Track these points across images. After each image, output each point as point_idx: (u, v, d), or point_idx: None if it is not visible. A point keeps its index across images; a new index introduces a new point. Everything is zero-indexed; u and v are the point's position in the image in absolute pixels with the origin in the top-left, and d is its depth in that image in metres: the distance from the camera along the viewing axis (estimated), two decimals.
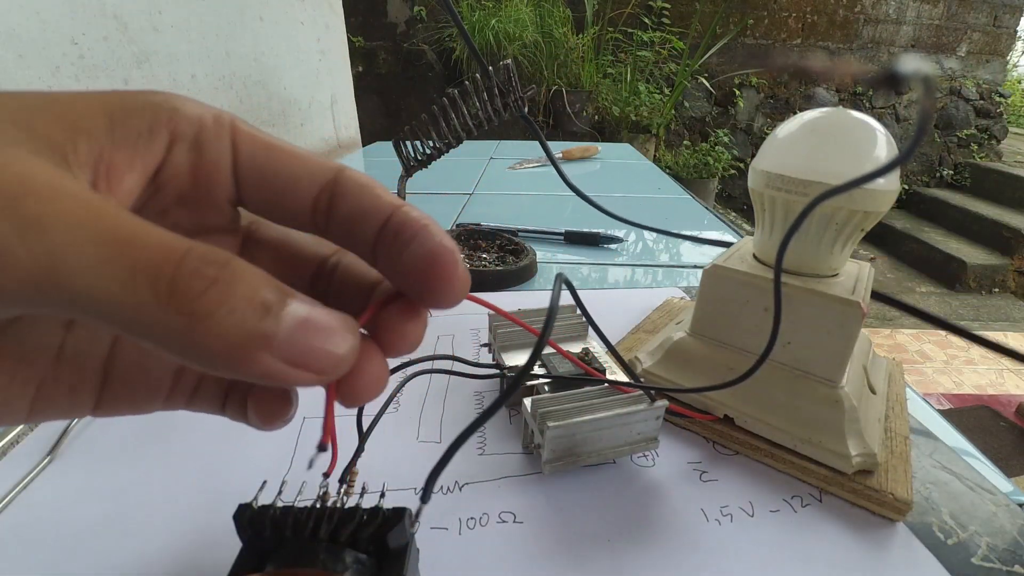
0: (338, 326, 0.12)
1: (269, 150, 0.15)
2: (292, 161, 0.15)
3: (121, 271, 0.10)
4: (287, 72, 1.06)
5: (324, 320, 0.12)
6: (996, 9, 3.33)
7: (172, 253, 0.10)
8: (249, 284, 0.11)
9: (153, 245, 0.10)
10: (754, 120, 3.36)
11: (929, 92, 0.12)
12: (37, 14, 0.53)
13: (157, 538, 0.25)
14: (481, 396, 0.36)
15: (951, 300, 2.62)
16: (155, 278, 0.10)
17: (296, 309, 0.11)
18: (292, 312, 0.11)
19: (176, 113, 0.14)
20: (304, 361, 0.11)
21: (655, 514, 0.27)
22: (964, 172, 3.56)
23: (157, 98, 0.14)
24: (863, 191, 0.28)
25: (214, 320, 0.10)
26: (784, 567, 0.24)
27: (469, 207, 0.82)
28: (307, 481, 0.21)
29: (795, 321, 0.30)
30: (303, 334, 0.11)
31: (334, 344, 0.12)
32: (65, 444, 0.30)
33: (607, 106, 2.83)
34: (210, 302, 0.10)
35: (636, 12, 2.96)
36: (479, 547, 0.25)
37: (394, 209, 0.15)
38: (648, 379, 0.35)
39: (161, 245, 0.10)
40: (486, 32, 2.55)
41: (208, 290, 0.10)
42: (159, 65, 0.70)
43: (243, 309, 0.10)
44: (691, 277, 0.58)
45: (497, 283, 0.53)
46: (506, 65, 0.47)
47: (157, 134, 0.14)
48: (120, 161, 0.13)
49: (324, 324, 0.12)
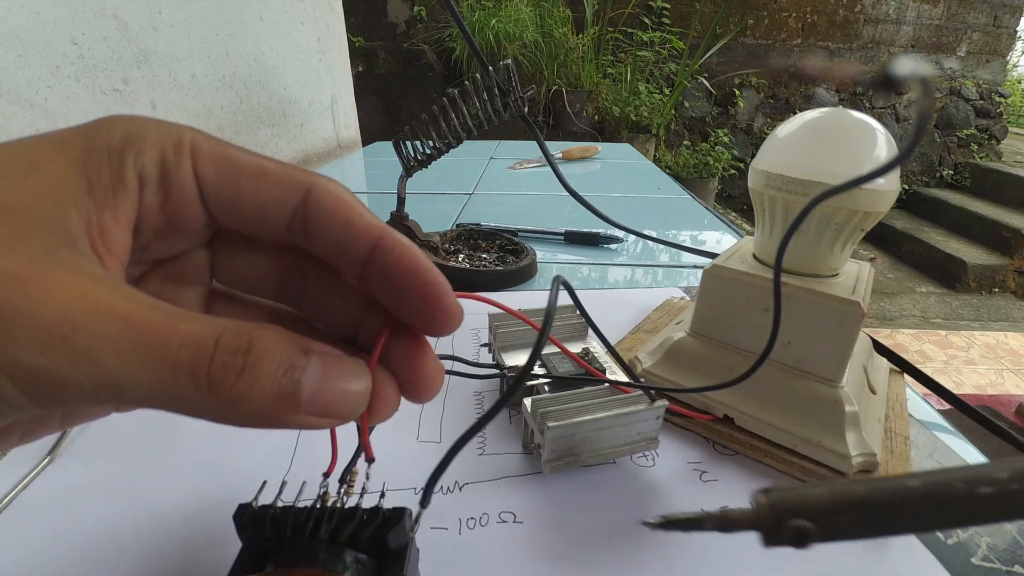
0: (352, 375, 0.14)
1: (234, 177, 0.15)
2: (258, 187, 0.15)
3: (165, 376, 0.12)
4: (287, 72, 1.06)
5: (340, 374, 0.14)
6: (996, 9, 3.33)
7: (203, 351, 0.12)
8: (272, 361, 0.12)
9: (187, 344, 0.12)
10: (754, 120, 3.36)
11: (927, 93, 0.12)
12: (37, 14, 0.53)
13: (157, 538, 0.25)
14: (481, 396, 0.36)
15: (951, 300, 2.62)
16: (193, 376, 0.12)
17: (314, 371, 0.13)
18: (311, 376, 0.13)
19: (139, 155, 0.14)
20: (327, 412, 0.13)
21: (655, 514, 0.27)
22: (964, 172, 3.56)
23: (115, 138, 0.14)
24: (863, 191, 0.28)
25: (247, 400, 0.12)
26: (784, 567, 0.24)
27: (469, 207, 0.82)
28: (307, 481, 0.21)
29: (795, 321, 0.30)
30: (322, 395, 0.13)
31: (350, 396, 0.14)
32: (65, 444, 0.30)
33: (607, 106, 2.83)
34: (242, 388, 0.12)
35: (636, 12, 2.96)
36: (479, 547, 0.25)
37: (374, 242, 0.15)
38: (648, 379, 0.35)
39: (193, 343, 0.12)
40: (486, 32, 2.55)
41: (239, 380, 0.12)
42: (159, 65, 0.70)
43: (269, 387, 0.12)
44: (691, 277, 0.58)
45: (497, 283, 0.53)
46: (506, 65, 0.47)
47: (128, 183, 0.14)
48: (107, 221, 0.14)
49: (340, 377, 0.14)
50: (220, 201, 0.15)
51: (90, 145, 0.13)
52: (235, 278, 0.18)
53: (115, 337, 0.11)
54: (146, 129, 0.14)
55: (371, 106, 2.89)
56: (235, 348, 0.12)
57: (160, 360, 0.11)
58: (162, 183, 0.14)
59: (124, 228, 0.14)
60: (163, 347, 0.12)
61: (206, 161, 0.15)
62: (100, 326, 0.11)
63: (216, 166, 0.15)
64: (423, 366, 0.16)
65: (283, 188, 0.15)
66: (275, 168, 0.15)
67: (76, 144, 0.13)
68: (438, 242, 0.59)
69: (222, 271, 0.18)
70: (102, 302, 0.12)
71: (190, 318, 0.12)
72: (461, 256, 0.58)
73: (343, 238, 0.15)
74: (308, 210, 0.15)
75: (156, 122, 0.14)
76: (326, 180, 0.16)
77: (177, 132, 0.14)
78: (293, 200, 0.15)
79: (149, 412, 0.16)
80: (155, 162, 0.14)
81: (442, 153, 0.51)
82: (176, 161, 0.14)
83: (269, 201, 0.15)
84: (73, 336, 0.11)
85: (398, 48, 2.92)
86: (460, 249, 0.60)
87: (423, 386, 0.17)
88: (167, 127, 0.14)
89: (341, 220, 0.15)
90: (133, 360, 0.11)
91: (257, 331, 0.13)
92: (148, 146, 0.14)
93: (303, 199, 0.15)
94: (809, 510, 0.12)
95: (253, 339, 0.12)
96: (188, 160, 0.14)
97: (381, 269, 0.15)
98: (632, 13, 2.94)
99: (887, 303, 2.55)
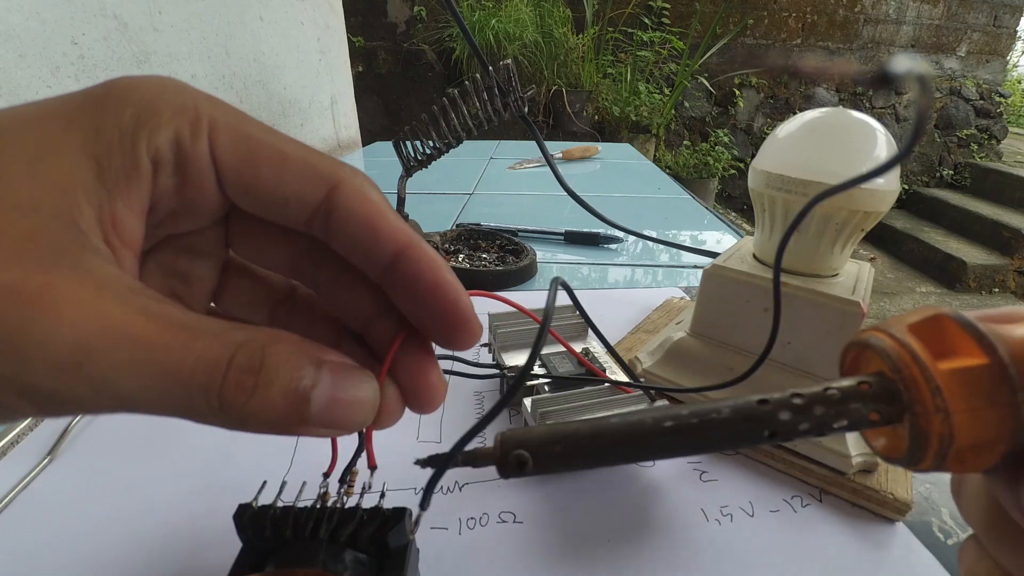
0: (362, 390, 0.14)
1: (254, 164, 0.14)
2: (280, 178, 0.14)
3: (179, 395, 0.12)
4: (287, 72, 1.06)
5: (350, 389, 0.14)
6: (996, 9, 3.33)
7: (217, 371, 0.12)
8: (283, 378, 0.12)
9: (201, 364, 0.12)
10: (754, 120, 3.36)
11: (925, 91, 0.12)
12: (37, 14, 0.53)
13: (157, 538, 0.25)
14: (481, 396, 0.36)
15: (951, 300, 2.62)
16: (206, 394, 0.12)
17: (324, 387, 0.13)
18: (321, 392, 0.13)
19: (153, 135, 0.13)
20: (333, 424, 0.13)
21: (655, 514, 0.27)
22: (964, 172, 3.56)
23: (126, 115, 0.13)
24: (863, 191, 0.28)
25: (259, 416, 0.12)
26: (784, 567, 0.24)
27: (469, 207, 0.82)
28: (307, 481, 0.21)
29: (795, 321, 0.30)
30: (330, 410, 0.13)
31: (358, 411, 0.14)
32: (65, 444, 0.30)
33: (607, 106, 2.83)
34: (253, 407, 0.12)
35: (636, 12, 2.96)
36: (479, 547, 0.25)
37: (399, 250, 0.15)
38: (648, 379, 0.35)
39: (207, 364, 0.12)
40: (486, 32, 2.54)
41: (250, 399, 0.12)
42: (159, 65, 0.70)
43: (280, 404, 0.12)
44: (691, 277, 0.58)
45: (497, 283, 0.53)
46: (506, 65, 0.47)
47: (141, 168, 0.13)
48: (120, 210, 0.13)
49: (350, 391, 0.14)
50: (238, 186, 0.14)
51: (98, 124, 0.13)
52: (250, 252, 0.17)
53: (130, 362, 0.11)
54: (159, 103, 0.13)
55: (371, 106, 2.89)
56: (247, 367, 0.12)
57: (174, 381, 0.12)
58: (178, 166, 0.13)
59: (137, 215, 0.13)
60: (177, 368, 0.12)
61: (224, 141, 0.14)
62: (115, 351, 0.11)
63: (235, 148, 0.14)
64: (429, 377, 0.16)
65: (307, 181, 0.14)
66: (298, 155, 0.14)
67: (84, 124, 0.13)
68: (438, 242, 0.59)
69: (237, 244, 0.17)
70: (115, 321, 0.11)
71: (204, 334, 0.12)
72: (461, 256, 0.58)
73: (367, 242, 0.15)
74: (332, 209, 0.14)
75: (171, 91, 0.13)
76: (352, 174, 0.15)
77: (194, 106, 0.13)
78: (317, 196, 0.14)
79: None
80: (170, 143, 0.13)
81: (442, 153, 0.51)
82: (193, 142, 0.13)
83: (291, 194, 0.14)
84: (88, 362, 0.11)
85: (398, 48, 2.91)
86: (460, 249, 0.60)
87: (427, 398, 0.16)
88: (182, 100, 0.13)
89: (366, 224, 0.14)
90: (148, 382, 0.11)
91: (270, 346, 0.13)
92: (162, 124, 0.13)
93: (327, 195, 0.14)
94: (530, 444, 0.14)
95: (266, 356, 0.12)
96: (205, 140, 0.13)
97: (404, 278, 0.15)
98: (632, 13, 2.94)
99: (887, 303, 2.55)
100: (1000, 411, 0.12)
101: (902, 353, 0.13)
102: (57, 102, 0.13)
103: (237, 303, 0.18)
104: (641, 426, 0.14)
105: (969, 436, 0.12)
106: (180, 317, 0.12)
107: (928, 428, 0.13)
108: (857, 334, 0.15)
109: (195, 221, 0.15)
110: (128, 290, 0.12)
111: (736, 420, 0.13)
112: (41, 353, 0.11)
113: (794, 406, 0.13)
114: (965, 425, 0.12)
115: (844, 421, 0.13)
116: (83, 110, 0.13)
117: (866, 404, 0.13)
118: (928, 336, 0.13)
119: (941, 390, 0.12)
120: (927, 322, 0.13)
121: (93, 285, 0.12)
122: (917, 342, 0.13)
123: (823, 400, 0.13)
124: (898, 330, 0.13)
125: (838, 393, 0.13)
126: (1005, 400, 0.12)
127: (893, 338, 0.13)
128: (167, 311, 0.12)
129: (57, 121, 0.13)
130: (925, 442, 0.13)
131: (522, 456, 0.14)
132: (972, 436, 0.12)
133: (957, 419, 0.12)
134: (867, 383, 0.14)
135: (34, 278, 0.11)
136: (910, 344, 0.13)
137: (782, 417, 0.13)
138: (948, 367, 0.12)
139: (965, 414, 0.12)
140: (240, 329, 0.13)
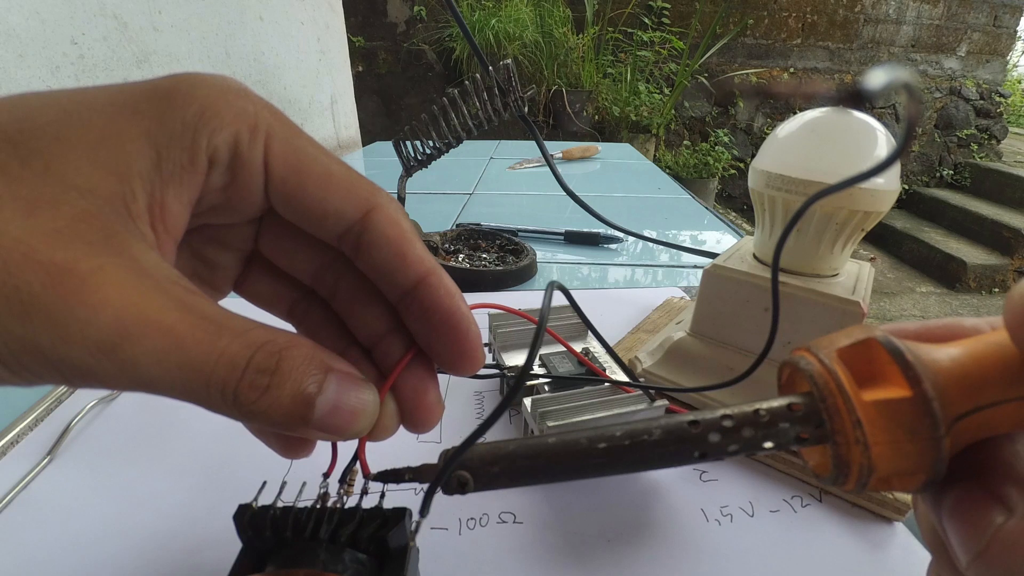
0: (363, 401, 0.15)
1: (302, 178, 0.15)
2: (324, 195, 0.15)
3: (198, 387, 0.12)
4: (287, 72, 1.06)
5: (352, 399, 0.14)
6: (996, 9, 3.33)
7: (236, 370, 0.13)
8: (294, 382, 0.13)
9: (223, 361, 0.13)
10: (754, 120, 3.36)
11: (913, 98, 0.12)
12: (37, 14, 0.53)
13: (157, 538, 0.25)
14: (481, 396, 0.36)
15: (951, 300, 2.62)
16: (223, 389, 0.13)
17: (329, 394, 0.14)
18: (325, 399, 0.14)
19: (214, 134, 0.14)
20: (332, 430, 0.14)
21: (655, 514, 0.27)
22: (964, 172, 3.56)
23: (190, 112, 0.13)
24: (863, 191, 0.28)
25: (265, 413, 0.13)
26: (784, 567, 0.24)
27: (469, 207, 0.82)
28: (307, 482, 0.21)
29: (795, 321, 0.30)
30: (331, 416, 0.14)
31: (357, 420, 0.14)
32: (65, 444, 0.30)
33: (607, 106, 2.83)
34: (262, 405, 0.13)
35: (636, 12, 2.96)
36: (479, 547, 0.25)
37: (421, 277, 0.16)
38: (648, 379, 0.35)
39: (228, 362, 0.13)
40: (486, 32, 2.54)
41: (261, 398, 0.13)
42: (159, 65, 0.70)
43: (287, 405, 0.13)
44: (691, 277, 0.58)
45: (497, 283, 0.53)
46: (506, 65, 0.47)
47: (198, 164, 0.14)
48: (170, 200, 0.14)
49: (352, 401, 0.14)
50: (282, 195, 0.15)
51: (163, 116, 0.13)
52: (276, 254, 0.18)
53: (160, 350, 0.12)
54: (222, 104, 0.14)
55: (371, 106, 2.89)
56: (263, 368, 0.13)
57: (197, 374, 0.12)
58: (231, 167, 0.14)
59: (185, 207, 0.14)
60: (201, 363, 0.12)
61: (277, 152, 0.14)
62: (148, 338, 0.12)
63: (286, 159, 0.15)
64: (428, 398, 0.17)
65: (347, 201, 0.15)
66: (343, 175, 0.15)
67: (149, 114, 0.13)
68: (438, 242, 0.59)
69: (265, 243, 0.18)
70: (153, 311, 0.12)
71: (229, 331, 0.13)
72: (461, 256, 0.58)
73: (393, 266, 0.16)
74: (365, 230, 0.15)
75: (233, 94, 0.14)
76: (387, 200, 0.16)
77: (254, 112, 0.14)
78: (354, 216, 0.15)
79: (149, 413, 0.16)
80: (228, 144, 0.14)
81: (442, 153, 0.51)
82: (249, 147, 0.14)
83: (331, 211, 0.15)
84: (122, 345, 0.12)
85: (398, 48, 2.91)
86: (460, 249, 0.60)
87: (424, 417, 0.17)
88: (243, 104, 0.14)
89: (396, 249, 0.15)
90: (174, 371, 0.12)
91: (287, 350, 0.13)
92: (224, 125, 0.14)
93: (363, 217, 0.15)
94: (471, 464, 0.14)
95: (282, 358, 0.13)
96: (261, 147, 0.14)
97: (421, 304, 0.16)
98: (632, 13, 2.94)
99: (887, 303, 2.55)
100: (921, 444, 0.12)
101: (828, 381, 0.13)
102: (124, 91, 0.14)
103: (257, 294, 0.19)
104: (576, 446, 0.14)
105: (889, 467, 0.12)
106: (209, 311, 0.13)
107: (848, 457, 0.13)
108: (791, 352, 0.15)
109: (232, 217, 0.16)
110: (167, 279, 0.13)
111: (667, 442, 0.14)
112: (81, 332, 0.11)
113: (724, 428, 0.14)
114: (885, 457, 0.12)
115: (771, 443, 0.14)
116: (150, 101, 0.13)
117: (794, 426, 0.13)
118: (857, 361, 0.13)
119: (861, 424, 0.12)
120: (857, 346, 0.13)
121: (136, 272, 0.12)
122: (843, 369, 0.13)
123: (752, 422, 0.14)
124: (827, 354, 0.13)
125: (767, 415, 0.14)
126: (927, 434, 0.12)
127: (821, 363, 0.13)
128: (199, 304, 0.13)
129: (125, 110, 0.13)
130: (847, 469, 0.13)
131: (462, 477, 0.14)
132: (892, 467, 0.12)
133: (876, 451, 0.12)
134: (799, 404, 0.14)
135: (85, 261, 0.12)
136: (836, 371, 0.13)
137: (712, 439, 0.14)
138: (871, 398, 0.12)
139: (885, 446, 0.12)
140: (261, 329, 0.13)
